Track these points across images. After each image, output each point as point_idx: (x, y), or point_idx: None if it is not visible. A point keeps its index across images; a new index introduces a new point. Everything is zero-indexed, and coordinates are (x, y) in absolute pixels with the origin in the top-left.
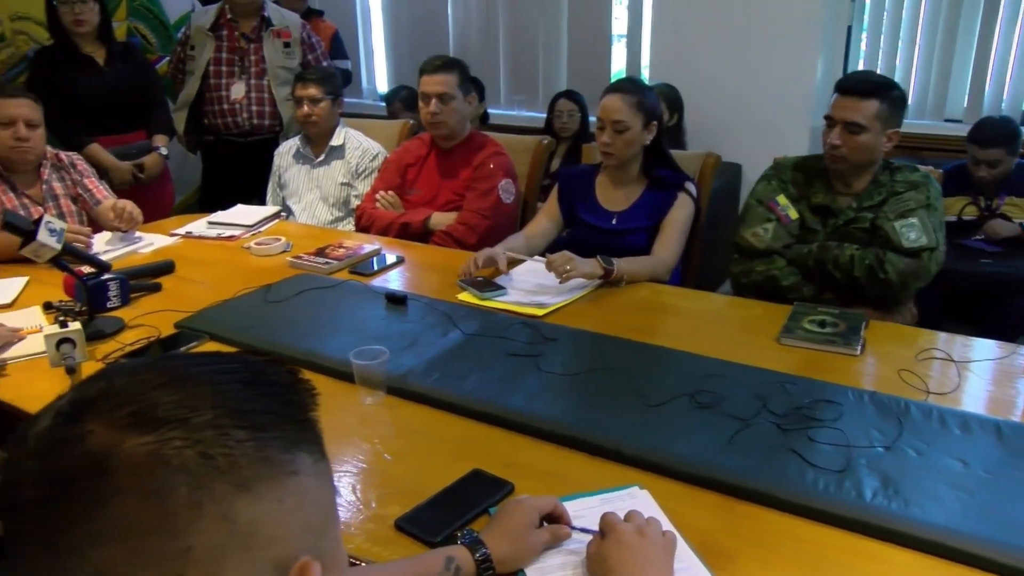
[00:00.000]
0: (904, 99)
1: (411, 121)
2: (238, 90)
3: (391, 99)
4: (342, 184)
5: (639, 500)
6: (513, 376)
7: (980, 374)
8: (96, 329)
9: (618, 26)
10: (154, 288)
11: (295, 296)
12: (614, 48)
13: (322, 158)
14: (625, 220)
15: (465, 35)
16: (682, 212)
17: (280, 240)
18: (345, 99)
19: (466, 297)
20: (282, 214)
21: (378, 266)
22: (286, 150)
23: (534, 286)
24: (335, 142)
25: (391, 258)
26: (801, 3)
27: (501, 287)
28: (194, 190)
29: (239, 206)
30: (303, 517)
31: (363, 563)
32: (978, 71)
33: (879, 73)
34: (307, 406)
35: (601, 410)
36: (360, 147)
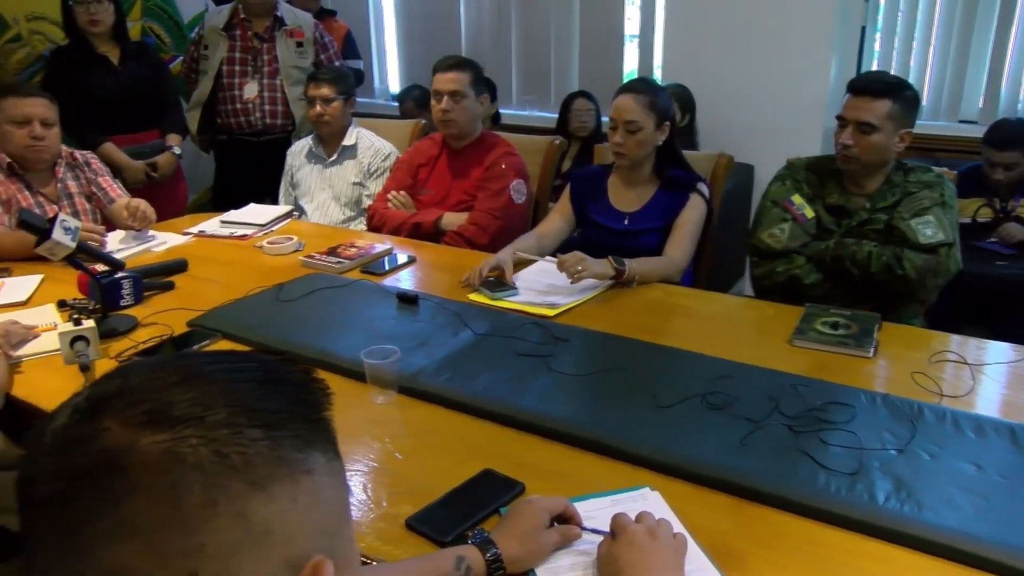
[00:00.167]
0: (917, 99)
1: (423, 121)
2: (251, 89)
3: (403, 98)
4: (354, 184)
5: (650, 501)
6: (524, 376)
7: (994, 377)
8: (110, 327)
9: (630, 26)
10: (167, 286)
11: (307, 295)
12: (626, 48)
13: (334, 158)
14: (637, 221)
15: (477, 35)
16: (694, 213)
17: (292, 239)
18: (357, 99)
19: (477, 297)
20: (294, 213)
21: (389, 266)
22: (298, 150)
23: (545, 286)
24: (347, 142)
25: (402, 258)
26: (814, 3)
27: (513, 287)
28: (207, 189)
29: (252, 205)
30: (317, 516)
31: (374, 562)
32: (994, 72)
33: (892, 73)
34: (321, 405)
35: (612, 411)
36: (372, 147)
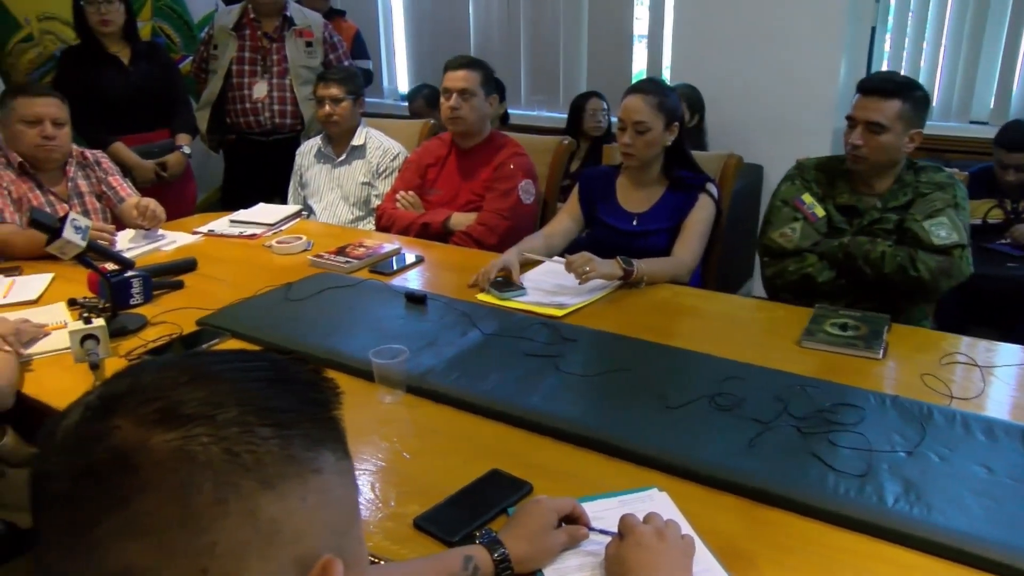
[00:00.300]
0: (927, 100)
1: (431, 121)
2: (260, 89)
3: (414, 96)
4: (363, 183)
5: (658, 502)
6: (532, 376)
7: (1005, 379)
8: (119, 325)
9: (639, 26)
10: (176, 285)
11: (315, 295)
12: (635, 49)
13: (343, 157)
14: (646, 221)
15: (486, 36)
16: (703, 213)
17: (301, 239)
18: (366, 99)
19: (485, 297)
20: (303, 213)
21: (398, 265)
22: (307, 149)
23: (554, 286)
24: (356, 142)
25: (410, 258)
26: (824, 3)
27: (521, 287)
28: (216, 188)
29: (261, 205)
30: (326, 515)
31: (382, 561)
32: (1005, 72)
33: (902, 74)
34: (330, 404)
35: (620, 411)
36: (381, 147)
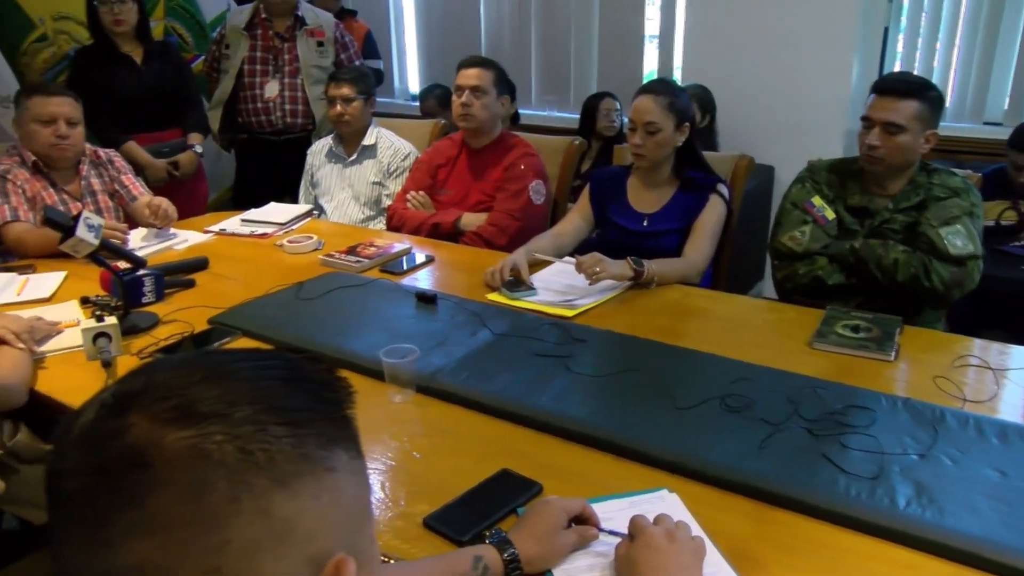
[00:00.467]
0: (942, 100)
1: (442, 121)
2: (272, 89)
3: (426, 95)
4: (374, 183)
5: (668, 503)
6: (542, 376)
7: (1019, 382)
8: (131, 324)
9: (650, 27)
10: (188, 284)
11: (326, 294)
12: (646, 49)
13: (354, 157)
14: (656, 222)
15: (497, 35)
16: (714, 214)
17: (312, 238)
18: (377, 99)
19: (496, 297)
20: (314, 212)
21: (408, 265)
22: (319, 149)
23: (564, 287)
24: (367, 141)
25: (421, 257)
26: (836, 3)
27: (531, 287)
28: (228, 188)
29: (272, 204)
30: (339, 514)
31: (391, 560)
32: (1020, 72)
33: (915, 74)
34: (344, 403)
35: (630, 412)
36: (392, 147)
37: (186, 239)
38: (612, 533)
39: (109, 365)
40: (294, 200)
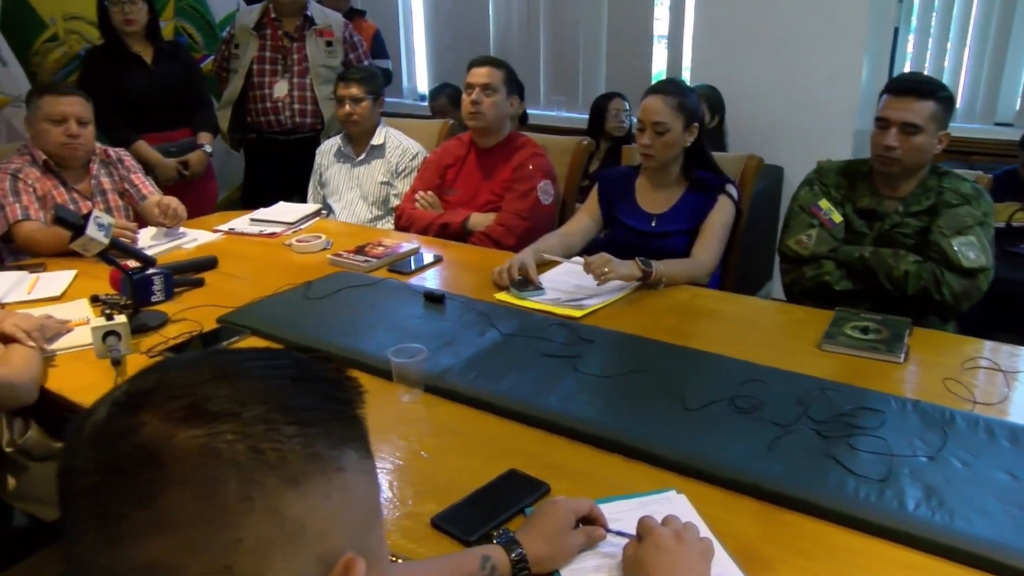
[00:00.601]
0: (953, 101)
1: (451, 121)
2: (281, 88)
3: (437, 94)
4: (382, 183)
5: (676, 504)
6: (550, 377)
7: None
8: (141, 322)
9: (659, 27)
10: (197, 283)
11: (335, 293)
12: (655, 49)
13: (363, 157)
14: (665, 222)
15: (506, 36)
16: (722, 215)
17: (320, 238)
18: (385, 98)
19: (504, 296)
20: (323, 212)
21: (416, 265)
22: (327, 148)
23: (572, 287)
24: (376, 141)
25: (429, 257)
26: (846, 4)
27: (540, 287)
28: (237, 187)
29: (281, 203)
30: (349, 514)
31: (399, 560)
32: None
33: (925, 75)
34: (354, 403)
35: (638, 413)
36: (400, 146)
37: (195, 238)
38: (620, 534)
39: (118, 363)
40: (303, 200)
